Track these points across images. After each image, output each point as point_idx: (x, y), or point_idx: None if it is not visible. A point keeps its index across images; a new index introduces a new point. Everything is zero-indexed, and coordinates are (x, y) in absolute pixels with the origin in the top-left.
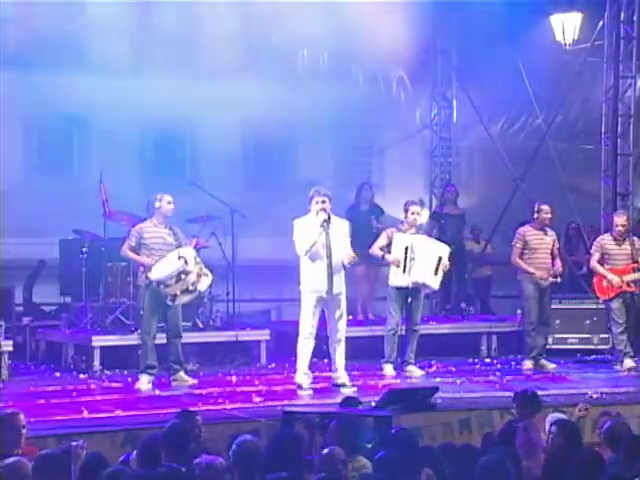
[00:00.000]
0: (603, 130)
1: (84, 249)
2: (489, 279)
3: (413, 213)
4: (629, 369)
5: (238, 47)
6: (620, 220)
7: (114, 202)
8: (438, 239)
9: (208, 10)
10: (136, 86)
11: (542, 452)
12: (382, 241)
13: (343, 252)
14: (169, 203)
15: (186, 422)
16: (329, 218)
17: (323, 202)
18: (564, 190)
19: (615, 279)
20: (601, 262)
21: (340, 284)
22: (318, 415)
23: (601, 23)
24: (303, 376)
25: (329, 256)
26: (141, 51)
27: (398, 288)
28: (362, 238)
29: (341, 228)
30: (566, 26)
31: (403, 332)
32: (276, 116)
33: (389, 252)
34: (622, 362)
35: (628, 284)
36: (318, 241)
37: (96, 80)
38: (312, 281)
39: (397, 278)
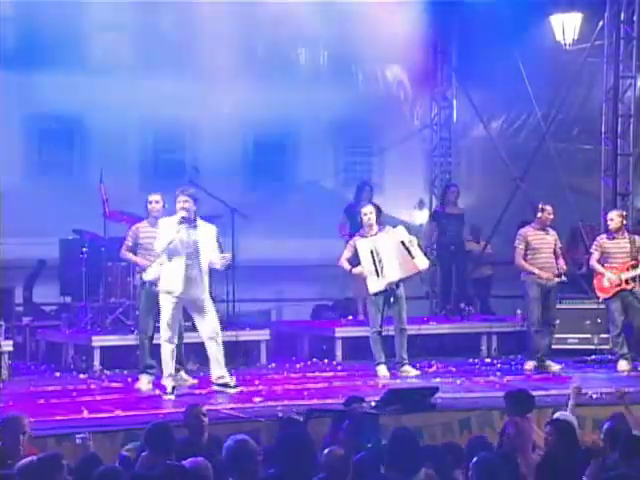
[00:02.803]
0: (603, 130)
1: (84, 249)
2: (489, 279)
3: (365, 214)
4: (623, 371)
5: (238, 47)
6: (610, 215)
7: (114, 202)
8: (439, 239)
9: (208, 10)
10: (136, 86)
11: (532, 451)
12: (347, 253)
13: (210, 256)
14: (150, 203)
15: (168, 422)
16: (192, 219)
17: (185, 202)
18: (564, 190)
19: (612, 276)
20: (601, 261)
21: (200, 288)
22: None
23: (601, 23)
24: (167, 379)
25: (190, 258)
26: (141, 51)
27: (377, 294)
28: None
29: (208, 232)
30: (566, 26)
31: (391, 332)
32: (276, 116)
33: (358, 261)
34: (617, 363)
35: (627, 281)
36: (174, 240)
37: (96, 80)
38: (168, 281)
39: (374, 285)
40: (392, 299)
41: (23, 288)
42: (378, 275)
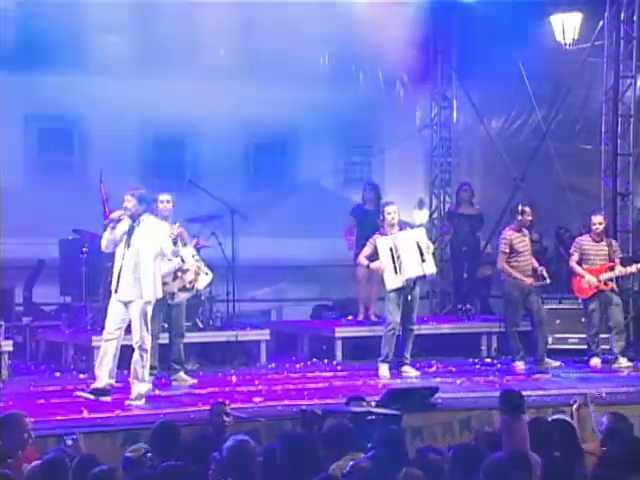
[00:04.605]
0: (603, 130)
1: (84, 249)
2: (489, 279)
3: (389, 213)
4: (596, 366)
5: (238, 47)
6: (597, 219)
7: (114, 202)
8: (451, 240)
9: (208, 10)
10: (136, 86)
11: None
12: (367, 250)
13: (152, 255)
14: (161, 202)
15: (174, 421)
16: (134, 219)
17: (127, 201)
18: (564, 190)
19: (592, 280)
20: (580, 262)
21: (131, 291)
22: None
23: (601, 23)
24: (134, 383)
25: (126, 258)
26: (141, 51)
27: (396, 290)
28: (368, 237)
29: (155, 233)
30: (566, 26)
31: (399, 332)
32: (276, 116)
33: (375, 259)
34: (590, 359)
35: (605, 283)
36: (109, 237)
37: (96, 80)
38: (112, 281)
39: (393, 281)
40: (410, 297)
41: (23, 288)
42: (396, 272)
